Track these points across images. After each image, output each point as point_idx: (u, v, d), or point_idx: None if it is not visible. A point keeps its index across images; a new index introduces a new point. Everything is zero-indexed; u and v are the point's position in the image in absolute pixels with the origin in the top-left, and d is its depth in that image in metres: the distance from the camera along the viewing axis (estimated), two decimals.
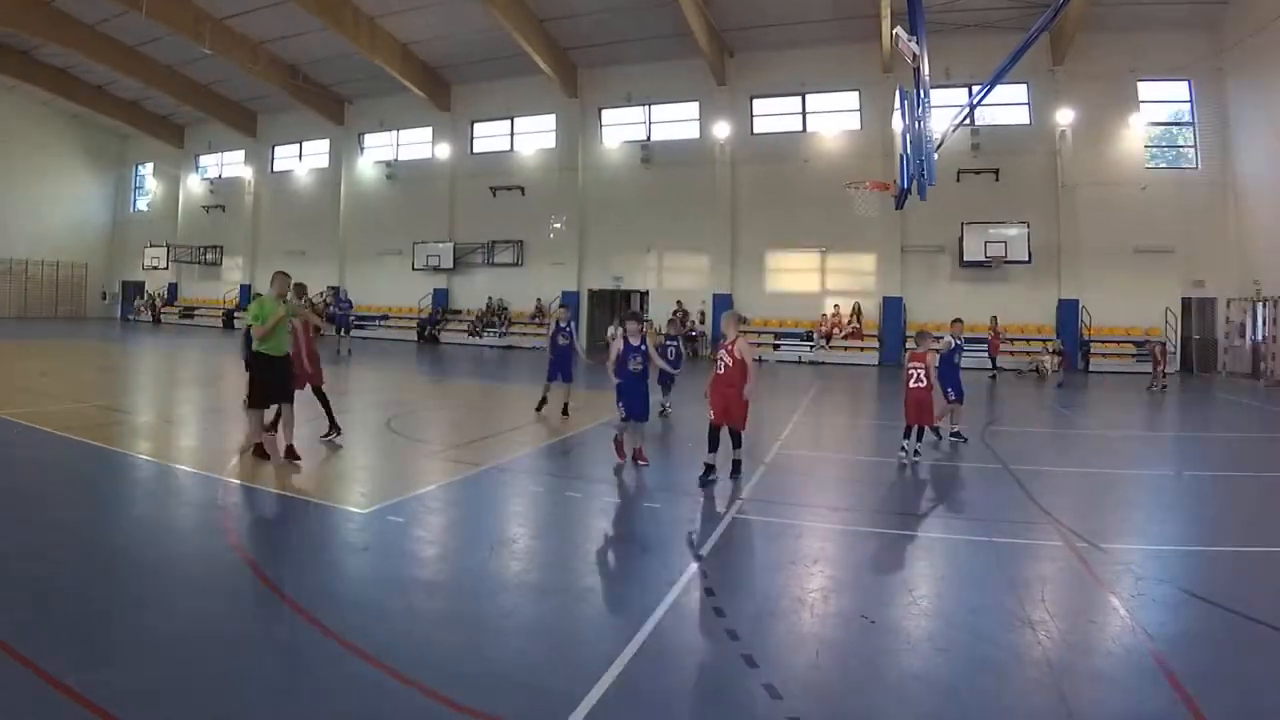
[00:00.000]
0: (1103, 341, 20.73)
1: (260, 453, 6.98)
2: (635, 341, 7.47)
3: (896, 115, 17.13)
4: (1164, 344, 17.90)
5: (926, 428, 8.44)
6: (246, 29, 24.75)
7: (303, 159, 32.25)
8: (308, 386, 8.24)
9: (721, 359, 6.94)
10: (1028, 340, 20.58)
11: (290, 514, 5.86)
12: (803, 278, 23.88)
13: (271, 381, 6.89)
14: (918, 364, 8.36)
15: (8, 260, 32.41)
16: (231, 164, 34.07)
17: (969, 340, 20.85)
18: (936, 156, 9.04)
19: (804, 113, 23.89)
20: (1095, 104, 20.76)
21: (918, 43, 8.45)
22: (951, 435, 9.42)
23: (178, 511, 5.77)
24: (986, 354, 19.53)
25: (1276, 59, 17.38)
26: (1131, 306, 20.59)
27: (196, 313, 33.32)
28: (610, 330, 21.28)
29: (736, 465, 6.99)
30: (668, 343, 10.62)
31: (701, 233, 24.33)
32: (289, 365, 7.16)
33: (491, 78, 26.40)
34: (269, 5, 22.69)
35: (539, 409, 10.75)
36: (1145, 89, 21.02)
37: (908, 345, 10.54)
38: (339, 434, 8.42)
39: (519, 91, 26.29)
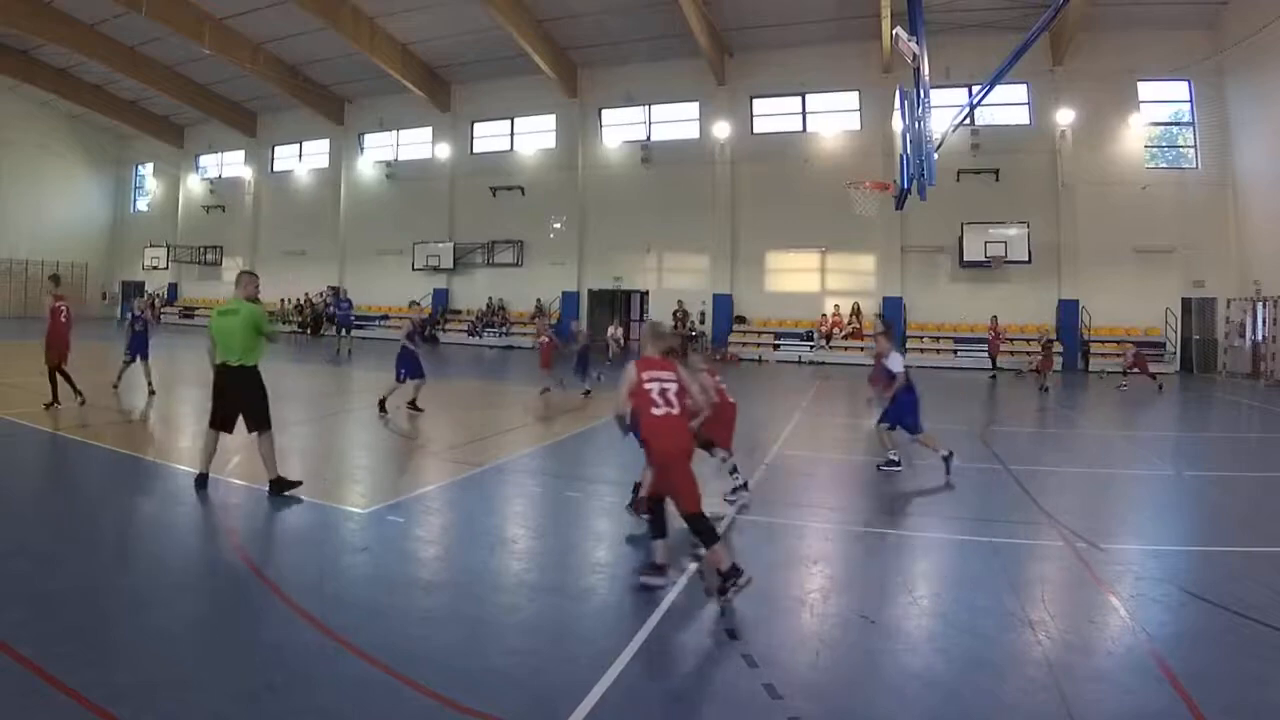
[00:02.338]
0: (1103, 341, 20.73)
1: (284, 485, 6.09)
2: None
3: (896, 115, 17.12)
4: (1138, 348, 17.59)
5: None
6: (246, 29, 24.75)
7: (303, 159, 32.25)
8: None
9: (665, 390, 4.31)
10: (1028, 340, 20.58)
11: (290, 514, 5.86)
12: (803, 278, 23.89)
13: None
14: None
15: (8, 260, 32.38)
16: (231, 164, 34.06)
17: (969, 340, 21.11)
18: (936, 156, 9.02)
19: (804, 113, 23.90)
20: (1095, 104, 20.76)
21: (918, 43, 8.44)
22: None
23: (177, 511, 5.76)
24: (986, 354, 19.57)
25: (1276, 59, 17.38)
26: (1131, 306, 20.60)
27: (196, 313, 33.28)
28: (610, 330, 21.29)
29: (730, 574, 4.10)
30: None
31: (701, 233, 24.33)
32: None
33: (491, 78, 26.40)
34: (269, 5, 22.69)
35: (383, 410, 10.10)
36: (1145, 89, 21.03)
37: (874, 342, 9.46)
38: (84, 401, 9.61)
39: (519, 91, 26.27)
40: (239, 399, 6.06)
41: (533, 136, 27.38)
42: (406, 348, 10.42)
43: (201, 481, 6.09)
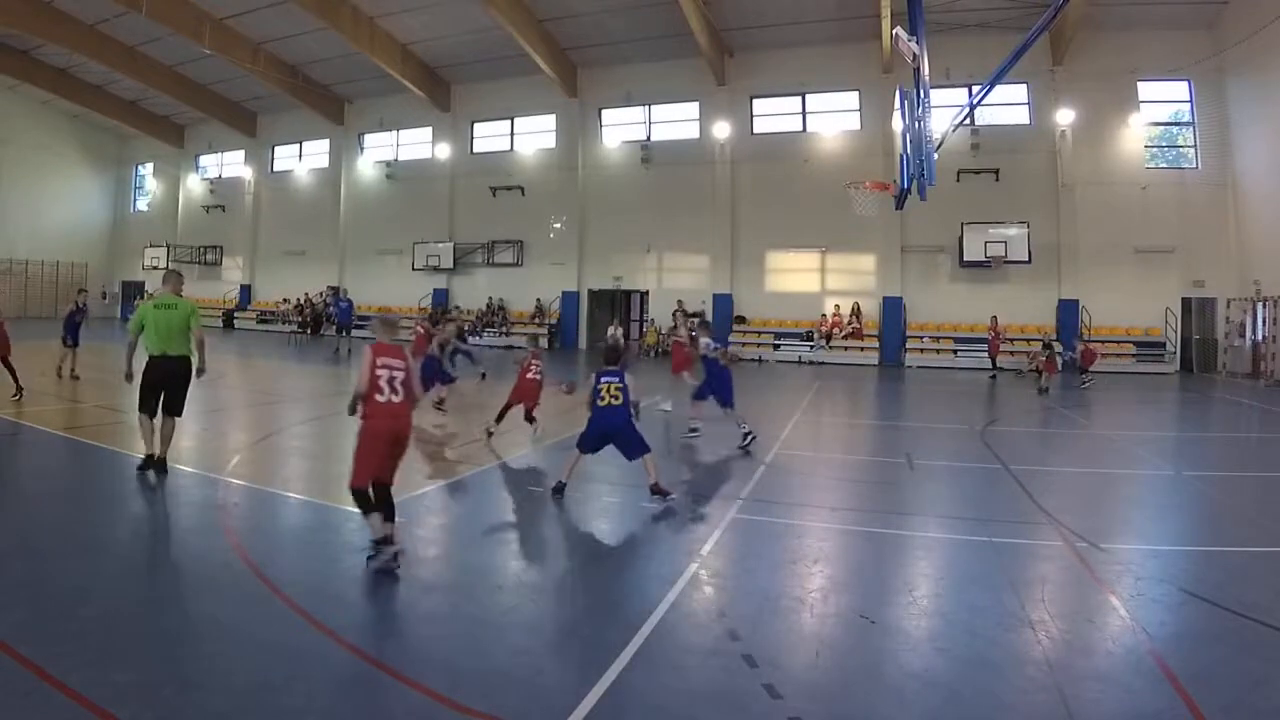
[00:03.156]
0: (1102, 341, 20.72)
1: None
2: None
3: (896, 115, 17.11)
4: (1086, 345, 17.48)
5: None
6: (246, 29, 24.75)
7: (303, 159, 32.24)
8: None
9: (394, 378, 4.59)
10: (1028, 340, 20.57)
11: (290, 514, 5.86)
12: (803, 278, 23.87)
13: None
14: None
15: (8, 260, 32.38)
16: (231, 164, 34.05)
17: (969, 340, 21.13)
18: (936, 156, 9.01)
19: (804, 113, 23.88)
20: (1095, 104, 20.75)
21: (918, 43, 8.43)
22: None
23: (177, 511, 5.77)
24: (986, 354, 19.57)
25: (1276, 59, 17.37)
26: (1131, 306, 20.60)
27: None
28: (610, 331, 21.28)
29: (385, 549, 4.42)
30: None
31: (701, 233, 24.32)
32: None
33: (491, 78, 26.40)
34: (269, 5, 22.68)
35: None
36: (1145, 89, 21.01)
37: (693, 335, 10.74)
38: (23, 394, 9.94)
39: (519, 91, 26.27)
40: (174, 385, 6.46)
41: (533, 136, 27.36)
42: (434, 356, 10.47)
43: (159, 466, 6.45)
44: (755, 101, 24.18)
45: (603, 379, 6.34)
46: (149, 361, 6.40)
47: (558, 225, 25.96)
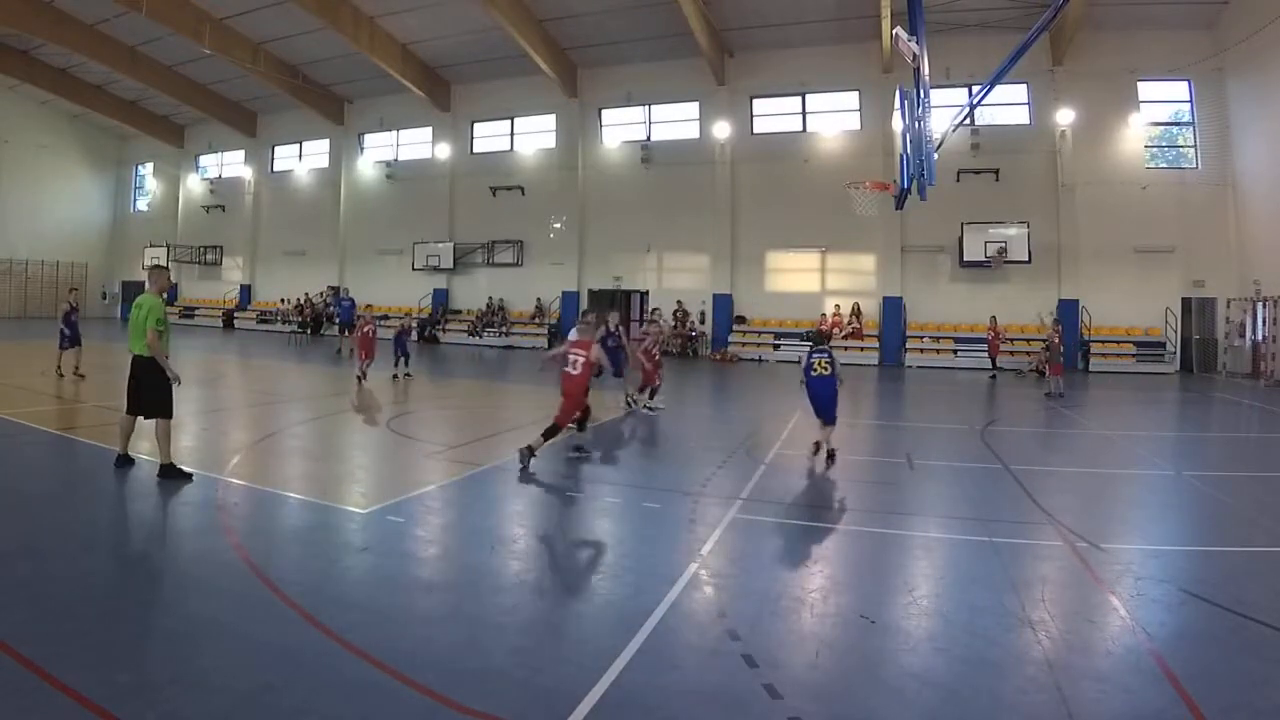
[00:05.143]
0: (1102, 341, 20.74)
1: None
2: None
3: (896, 115, 17.10)
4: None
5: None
6: (246, 29, 24.75)
7: (303, 159, 32.24)
8: None
9: (575, 360, 7.62)
10: (1028, 340, 20.56)
11: (290, 514, 5.86)
12: (803, 278, 23.87)
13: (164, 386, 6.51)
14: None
15: (8, 260, 32.39)
16: (231, 164, 34.06)
17: (969, 340, 21.14)
18: (936, 156, 9.00)
19: (804, 113, 23.87)
20: (1095, 104, 20.75)
21: (918, 43, 8.42)
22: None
23: (178, 511, 5.77)
24: (986, 354, 19.56)
25: (1276, 59, 17.37)
26: (1131, 306, 20.59)
27: (196, 313, 33.36)
28: (610, 318, 21.26)
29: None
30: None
31: (701, 233, 24.32)
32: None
33: (491, 78, 26.40)
34: (269, 5, 22.69)
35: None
36: (1145, 89, 21.01)
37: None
38: None
39: (519, 91, 26.27)
40: (140, 385, 6.49)
41: (533, 136, 27.35)
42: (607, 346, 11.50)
43: (119, 461, 6.60)
44: (755, 101, 24.17)
45: (814, 356, 8.32)
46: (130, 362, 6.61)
47: (558, 225, 25.95)
